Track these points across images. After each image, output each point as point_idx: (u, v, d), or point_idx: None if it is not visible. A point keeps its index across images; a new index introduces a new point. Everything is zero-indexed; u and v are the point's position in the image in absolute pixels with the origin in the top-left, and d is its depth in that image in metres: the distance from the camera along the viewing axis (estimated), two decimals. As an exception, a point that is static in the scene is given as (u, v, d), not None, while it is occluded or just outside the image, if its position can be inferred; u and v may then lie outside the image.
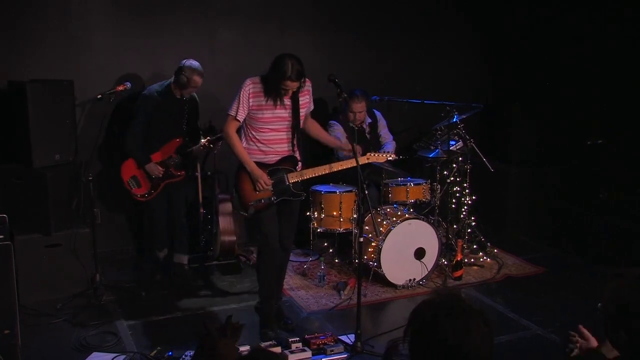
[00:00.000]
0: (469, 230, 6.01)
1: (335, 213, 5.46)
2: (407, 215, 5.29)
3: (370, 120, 6.02)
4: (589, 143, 6.21)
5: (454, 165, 5.84)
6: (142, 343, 4.29)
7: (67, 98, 5.16)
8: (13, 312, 4.05)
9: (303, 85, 4.27)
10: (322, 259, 5.52)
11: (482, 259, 5.86)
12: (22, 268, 4.59)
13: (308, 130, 4.66)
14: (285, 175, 4.39)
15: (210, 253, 5.75)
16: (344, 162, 4.64)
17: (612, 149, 6.16)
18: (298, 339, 4.18)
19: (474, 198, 5.97)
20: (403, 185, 5.58)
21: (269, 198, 4.35)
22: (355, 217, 5.41)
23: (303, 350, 4.09)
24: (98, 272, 5.00)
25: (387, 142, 6.00)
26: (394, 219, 5.25)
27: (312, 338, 4.20)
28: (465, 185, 5.91)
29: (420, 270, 5.26)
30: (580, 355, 2.57)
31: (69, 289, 4.98)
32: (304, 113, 4.45)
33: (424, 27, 7.02)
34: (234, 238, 5.56)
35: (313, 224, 5.61)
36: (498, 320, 4.60)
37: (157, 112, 5.21)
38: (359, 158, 4.36)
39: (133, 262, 5.88)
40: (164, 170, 5.28)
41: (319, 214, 5.51)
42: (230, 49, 6.27)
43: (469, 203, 5.94)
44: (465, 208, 5.94)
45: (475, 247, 6.00)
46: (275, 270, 4.57)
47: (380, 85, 6.53)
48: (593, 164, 6.34)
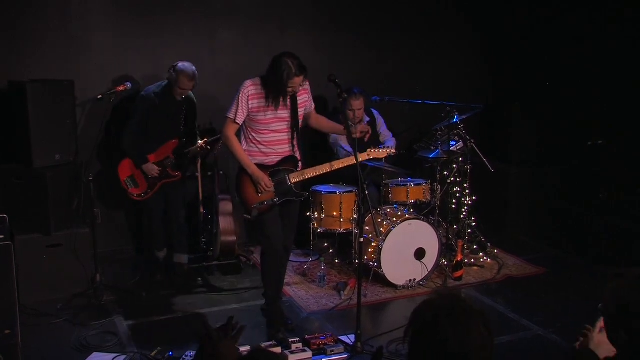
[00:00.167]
0: (469, 231, 6.00)
1: (336, 213, 5.45)
2: (407, 216, 5.28)
3: (369, 119, 6.02)
4: (590, 144, 6.20)
5: (454, 166, 5.82)
6: (142, 343, 4.28)
7: (67, 98, 5.16)
8: (13, 312, 4.05)
9: (304, 82, 4.26)
10: (322, 260, 5.52)
11: (482, 260, 5.85)
12: (22, 268, 4.59)
13: (317, 126, 4.67)
14: (287, 176, 4.38)
15: (211, 253, 5.74)
16: (345, 159, 4.62)
17: (612, 149, 6.15)
18: (298, 339, 4.18)
19: (474, 198, 5.97)
20: (403, 186, 5.58)
21: (272, 199, 4.34)
22: (356, 217, 5.41)
23: (303, 351, 4.08)
24: (98, 272, 4.99)
25: (387, 139, 6.00)
26: (394, 220, 5.25)
27: (312, 338, 4.21)
28: (466, 186, 5.90)
29: (421, 271, 5.25)
30: (578, 352, 2.57)
31: (69, 289, 4.98)
32: (303, 112, 4.43)
33: (424, 27, 7.01)
34: (235, 238, 5.55)
35: (313, 224, 5.60)
36: (499, 321, 4.59)
37: (154, 112, 5.20)
38: (360, 155, 4.36)
39: (133, 262, 5.88)
40: (161, 171, 5.28)
41: (319, 214, 5.50)
42: (230, 49, 6.26)
43: (469, 203, 5.93)
44: (466, 208, 5.93)
45: (476, 247, 5.99)
46: (280, 272, 4.57)
47: (380, 85, 6.52)
48: (593, 164, 6.34)
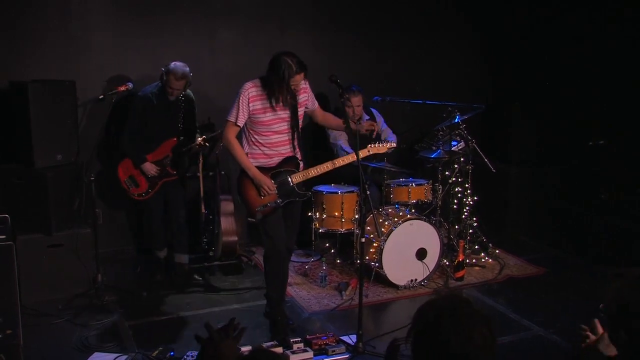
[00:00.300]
0: (471, 231, 5.99)
1: (337, 213, 5.45)
2: (408, 216, 5.28)
3: (368, 117, 6.01)
4: (591, 144, 6.21)
5: (456, 166, 5.83)
6: (143, 343, 4.27)
7: (68, 98, 5.16)
8: (15, 312, 4.04)
9: (306, 74, 4.24)
10: (323, 260, 5.52)
11: (483, 260, 5.85)
12: (23, 268, 4.58)
13: (325, 124, 4.70)
14: (289, 177, 4.37)
15: (212, 253, 5.74)
16: (347, 157, 4.60)
17: (612, 149, 6.16)
18: (300, 340, 4.17)
19: (476, 198, 5.97)
20: (405, 186, 5.58)
21: (275, 201, 4.32)
22: (357, 217, 5.40)
23: (305, 351, 4.08)
24: (99, 272, 4.99)
25: (387, 135, 5.99)
26: (396, 220, 5.24)
27: (313, 338, 4.20)
28: (467, 186, 5.89)
29: (422, 271, 5.25)
30: (582, 351, 2.57)
31: (71, 289, 4.98)
32: (303, 112, 4.42)
33: (424, 27, 7.02)
34: (236, 238, 5.55)
35: (315, 225, 5.60)
36: (500, 321, 4.59)
37: (151, 112, 5.20)
38: (361, 151, 4.35)
39: (134, 262, 5.87)
40: (160, 170, 5.28)
41: (321, 215, 5.50)
42: (230, 49, 6.26)
43: (471, 203, 5.93)
44: (467, 208, 5.93)
45: (477, 247, 5.98)
46: (284, 273, 4.56)
47: (381, 85, 6.52)
48: (593, 164, 6.34)
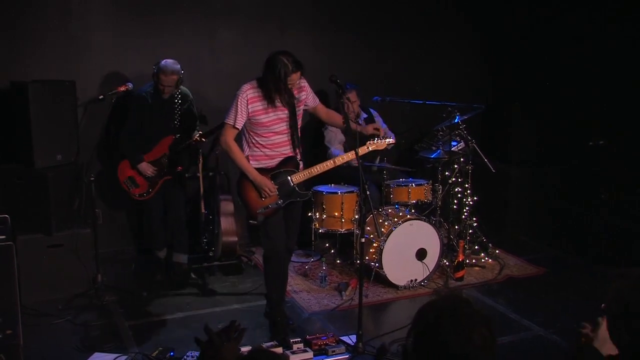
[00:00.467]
0: (471, 231, 5.99)
1: (337, 214, 5.44)
2: (408, 216, 5.28)
3: (366, 116, 6.01)
4: (591, 144, 6.20)
5: (456, 166, 5.82)
6: (143, 343, 4.28)
7: (68, 98, 5.16)
8: (15, 312, 4.03)
9: (301, 80, 4.22)
10: (323, 260, 5.53)
11: (483, 260, 5.85)
12: (23, 268, 4.58)
13: (328, 121, 4.67)
14: (289, 178, 4.35)
15: (212, 253, 5.74)
16: (346, 154, 4.52)
17: (612, 149, 6.16)
18: (300, 340, 4.17)
19: (476, 199, 5.96)
20: (405, 186, 5.57)
21: (276, 203, 4.30)
22: (357, 217, 5.40)
23: (305, 351, 4.07)
24: (99, 272, 4.99)
25: (386, 133, 5.97)
26: (396, 220, 5.24)
27: (313, 339, 4.20)
28: (467, 186, 5.89)
29: (422, 271, 5.25)
30: (579, 347, 2.56)
31: (71, 289, 4.97)
32: (301, 111, 4.40)
33: (424, 27, 7.02)
34: (236, 238, 5.55)
35: (314, 225, 5.59)
36: (500, 321, 4.59)
37: (147, 112, 5.20)
38: (361, 148, 4.34)
39: (134, 262, 5.87)
40: (158, 169, 5.28)
41: (321, 215, 5.49)
42: (230, 49, 6.26)
43: (471, 204, 5.92)
44: (467, 209, 5.93)
45: (477, 247, 5.97)
46: (284, 274, 4.56)
47: (380, 85, 6.53)
48: (593, 164, 6.34)
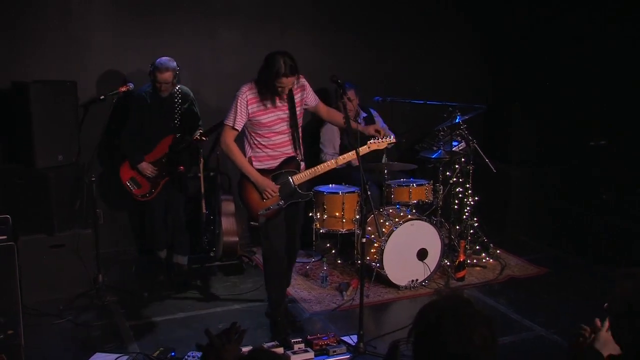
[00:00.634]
0: (472, 231, 5.99)
1: (338, 214, 5.43)
2: (409, 216, 5.27)
3: (365, 115, 6.01)
4: (592, 144, 6.21)
5: (457, 166, 5.82)
6: (144, 343, 4.28)
7: (69, 98, 5.16)
8: (16, 312, 4.04)
9: (297, 82, 4.20)
10: (324, 260, 5.53)
11: (484, 260, 5.84)
12: (25, 268, 4.57)
13: (330, 120, 4.66)
14: (290, 179, 4.34)
15: (213, 253, 5.74)
16: (348, 154, 4.49)
17: (612, 149, 6.16)
18: (300, 340, 4.17)
19: (477, 199, 5.96)
20: (406, 186, 5.56)
21: (277, 204, 4.30)
22: (358, 217, 5.39)
23: (305, 351, 4.07)
24: (100, 272, 4.99)
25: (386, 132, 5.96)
26: (397, 220, 5.24)
27: (314, 339, 4.20)
28: (468, 186, 5.89)
29: (423, 271, 5.25)
30: (579, 351, 2.57)
31: (72, 290, 4.97)
32: (301, 111, 4.38)
33: (424, 27, 7.02)
34: (237, 239, 5.54)
35: (315, 225, 5.58)
36: (501, 321, 4.59)
37: (146, 111, 5.20)
38: (362, 148, 4.33)
39: (135, 263, 5.86)
40: (159, 169, 5.27)
41: (322, 215, 5.48)
42: (231, 49, 6.26)
43: (472, 204, 5.92)
44: (468, 209, 5.92)
45: (478, 247, 5.97)
46: (283, 276, 4.53)
47: (380, 85, 6.53)
48: (593, 164, 6.35)
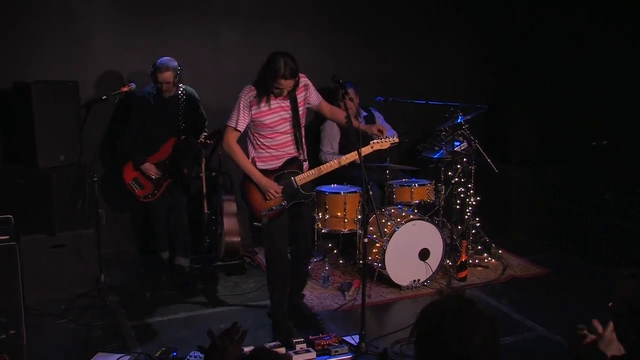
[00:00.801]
0: (474, 231, 5.98)
1: (340, 214, 5.43)
2: (411, 216, 5.26)
3: (366, 114, 6.01)
4: (594, 144, 6.22)
5: (459, 166, 5.82)
6: (146, 343, 4.28)
7: (71, 99, 5.15)
8: (18, 312, 4.05)
9: (298, 84, 4.19)
10: (326, 260, 5.54)
11: (486, 260, 5.83)
12: (26, 268, 4.56)
13: (333, 119, 4.67)
14: (293, 179, 4.33)
15: (215, 254, 5.74)
16: (351, 154, 4.49)
17: (612, 149, 6.17)
18: (302, 340, 4.16)
19: (479, 199, 5.95)
20: (407, 186, 5.56)
21: (280, 204, 4.28)
22: (360, 217, 5.39)
23: (307, 351, 4.07)
24: (102, 272, 4.99)
25: (388, 131, 5.95)
26: (399, 220, 5.23)
27: (316, 339, 4.19)
28: (470, 186, 5.88)
29: (425, 271, 5.25)
30: (581, 352, 2.57)
31: (74, 290, 4.96)
32: (304, 110, 4.38)
33: (424, 27, 7.02)
34: (239, 239, 5.54)
35: (317, 225, 5.57)
36: (503, 321, 4.58)
37: (149, 112, 5.19)
38: (364, 148, 4.33)
39: (137, 262, 5.86)
40: (163, 170, 5.26)
41: (323, 215, 5.48)
42: (231, 49, 6.26)
43: (474, 204, 5.92)
44: (470, 209, 5.91)
45: (480, 248, 5.97)
46: (286, 277, 4.49)
47: (381, 85, 6.53)
48: (593, 164, 6.36)
